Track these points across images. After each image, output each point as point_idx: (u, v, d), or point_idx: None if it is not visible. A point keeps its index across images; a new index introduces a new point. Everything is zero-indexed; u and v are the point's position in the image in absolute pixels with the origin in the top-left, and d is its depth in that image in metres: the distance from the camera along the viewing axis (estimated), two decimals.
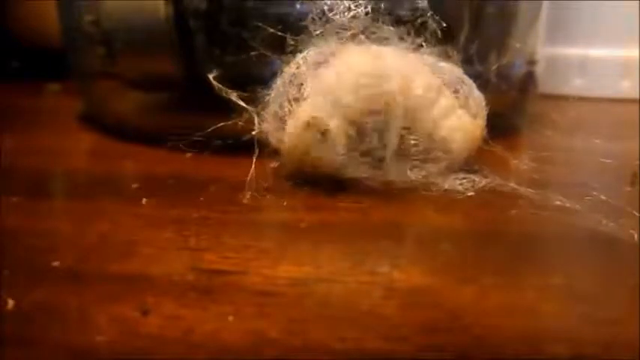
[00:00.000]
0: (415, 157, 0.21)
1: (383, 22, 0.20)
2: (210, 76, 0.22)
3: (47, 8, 0.36)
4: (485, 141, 0.22)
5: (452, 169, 0.21)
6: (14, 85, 0.41)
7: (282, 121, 0.20)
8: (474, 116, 0.21)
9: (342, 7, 0.20)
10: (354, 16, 0.20)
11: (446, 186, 0.21)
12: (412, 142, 0.21)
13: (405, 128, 0.20)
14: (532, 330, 0.13)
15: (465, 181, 0.21)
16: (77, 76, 0.32)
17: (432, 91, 0.21)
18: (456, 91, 0.21)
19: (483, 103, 0.21)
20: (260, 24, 0.23)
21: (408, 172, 0.21)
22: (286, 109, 0.20)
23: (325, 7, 0.20)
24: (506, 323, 0.13)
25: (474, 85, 0.21)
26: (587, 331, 0.13)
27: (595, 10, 0.40)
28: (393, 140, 0.20)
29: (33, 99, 0.40)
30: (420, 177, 0.21)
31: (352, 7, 0.20)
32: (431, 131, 0.21)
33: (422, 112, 0.21)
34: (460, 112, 0.21)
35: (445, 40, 0.21)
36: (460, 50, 0.23)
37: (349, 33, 0.20)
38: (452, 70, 0.21)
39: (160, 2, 0.25)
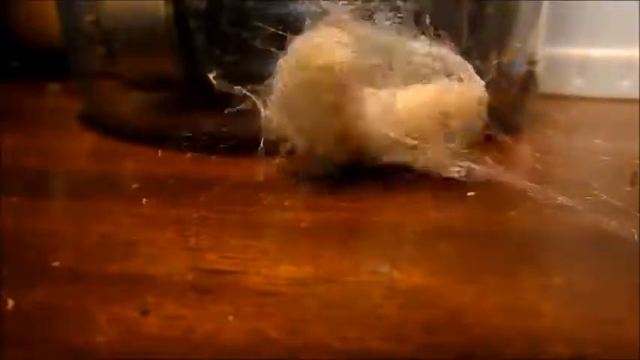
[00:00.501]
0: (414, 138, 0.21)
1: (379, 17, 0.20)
2: (210, 76, 0.22)
3: (47, 8, 0.36)
4: (486, 140, 0.22)
5: (453, 151, 0.21)
6: (14, 85, 0.41)
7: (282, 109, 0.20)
8: (476, 98, 0.21)
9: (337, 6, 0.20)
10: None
11: (445, 187, 0.20)
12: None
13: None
14: (532, 330, 0.13)
15: (464, 181, 0.21)
16: (77, 76, 0.32)
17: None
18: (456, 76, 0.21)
19: (483, 84, 0.21)
20: (260, 24, 0.23)
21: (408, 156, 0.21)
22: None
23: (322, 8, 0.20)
24: (506, 323, 0.13)
25: (473, 70, 0.21)
26: (587, 331, 0.13)
27: (595, 10, 0.40)
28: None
29: (33, 99, 0.40)
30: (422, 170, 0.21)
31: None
32: (430, 109, 0.21)
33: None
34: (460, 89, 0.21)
35: (445, 39, 0.21)
36: (460, 49, 0.23)
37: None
38: (449, 54, 0.21)
39: (160, 2, 0.25)
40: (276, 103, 0.20)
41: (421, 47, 0.21)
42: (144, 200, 0.20)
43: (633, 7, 0.39)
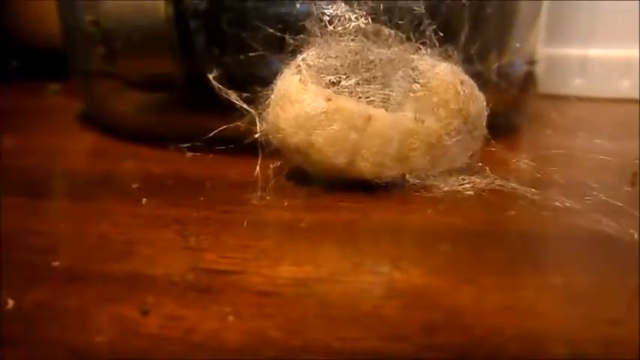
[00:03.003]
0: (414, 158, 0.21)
1: (382, 25, 0.20)
2: (210, 76, 0.22)
3: (47, 8, 0.36)
4: (485, 141, 0.22)
5: (450, 172, 0.21)
6: (14, 85, 0.41)
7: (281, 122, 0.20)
8: (475, 117, 0.21)
9: (340, 13, 0.20)
10: (352, 21, 0.20)
11: (446, 187, 0.20)
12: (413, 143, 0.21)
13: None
14: (532, 330, 0.13)
15: (464, 182, 0.21)
16: (77, 76, 0.32)
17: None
18: (456, 92, 0.21)
19: (484, 104, 0.21)
20: (260, 24, 0.23)
21: (407, 175, 0.21)
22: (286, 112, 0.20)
23: (326, 17, 0.20)
24: (506, 323, 0.13)
25: (475, 86, 0.21)
26: (587, 331, 0.13)
27: (595, 10, 0.40)
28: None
29: (33, 99, 0.40)
30: (418, 180, 0.21)
31: (352, 16, 0.20)
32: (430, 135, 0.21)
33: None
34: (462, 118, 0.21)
35: (445, 39, 0.21)
36: (460, 50, 0.23)
37: (347, 35, 0.20)
38: (452, 69, 0.21)
39: (160, 2, 0.25)
40: (270, 124, 0.21)
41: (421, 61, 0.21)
42: (144, 200, 0.20)
43: (632, 7, 0.40)
